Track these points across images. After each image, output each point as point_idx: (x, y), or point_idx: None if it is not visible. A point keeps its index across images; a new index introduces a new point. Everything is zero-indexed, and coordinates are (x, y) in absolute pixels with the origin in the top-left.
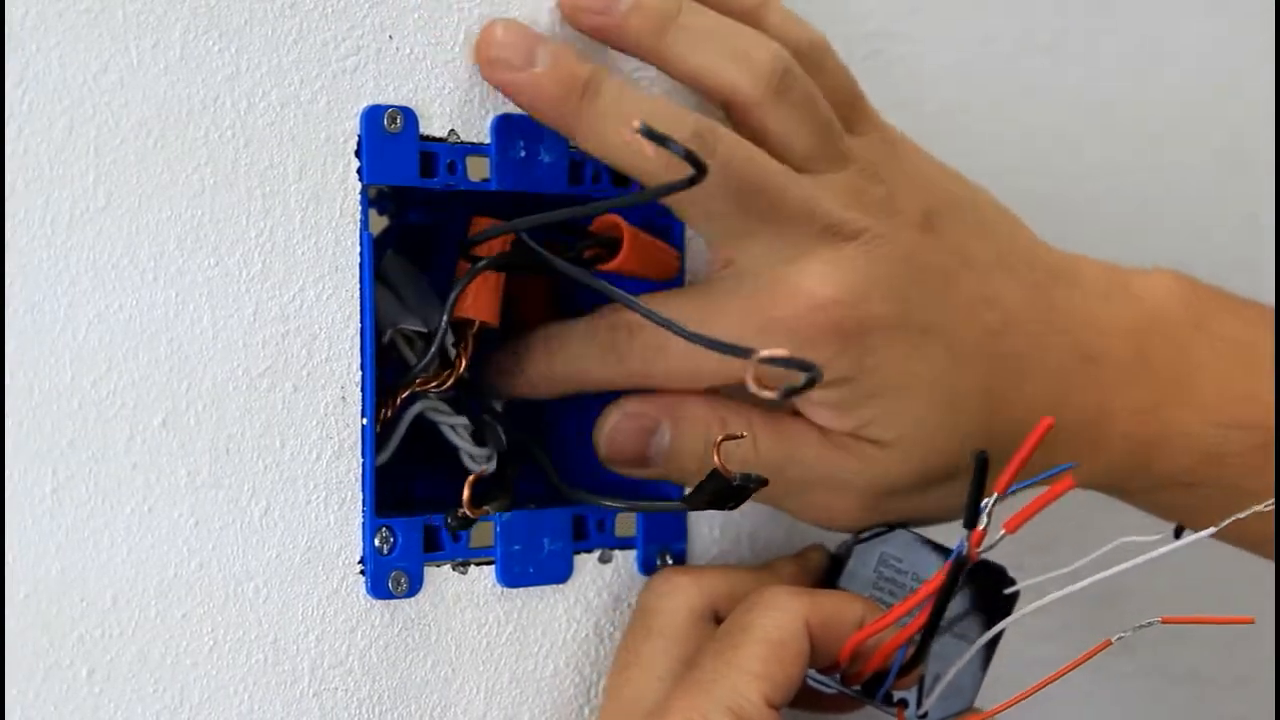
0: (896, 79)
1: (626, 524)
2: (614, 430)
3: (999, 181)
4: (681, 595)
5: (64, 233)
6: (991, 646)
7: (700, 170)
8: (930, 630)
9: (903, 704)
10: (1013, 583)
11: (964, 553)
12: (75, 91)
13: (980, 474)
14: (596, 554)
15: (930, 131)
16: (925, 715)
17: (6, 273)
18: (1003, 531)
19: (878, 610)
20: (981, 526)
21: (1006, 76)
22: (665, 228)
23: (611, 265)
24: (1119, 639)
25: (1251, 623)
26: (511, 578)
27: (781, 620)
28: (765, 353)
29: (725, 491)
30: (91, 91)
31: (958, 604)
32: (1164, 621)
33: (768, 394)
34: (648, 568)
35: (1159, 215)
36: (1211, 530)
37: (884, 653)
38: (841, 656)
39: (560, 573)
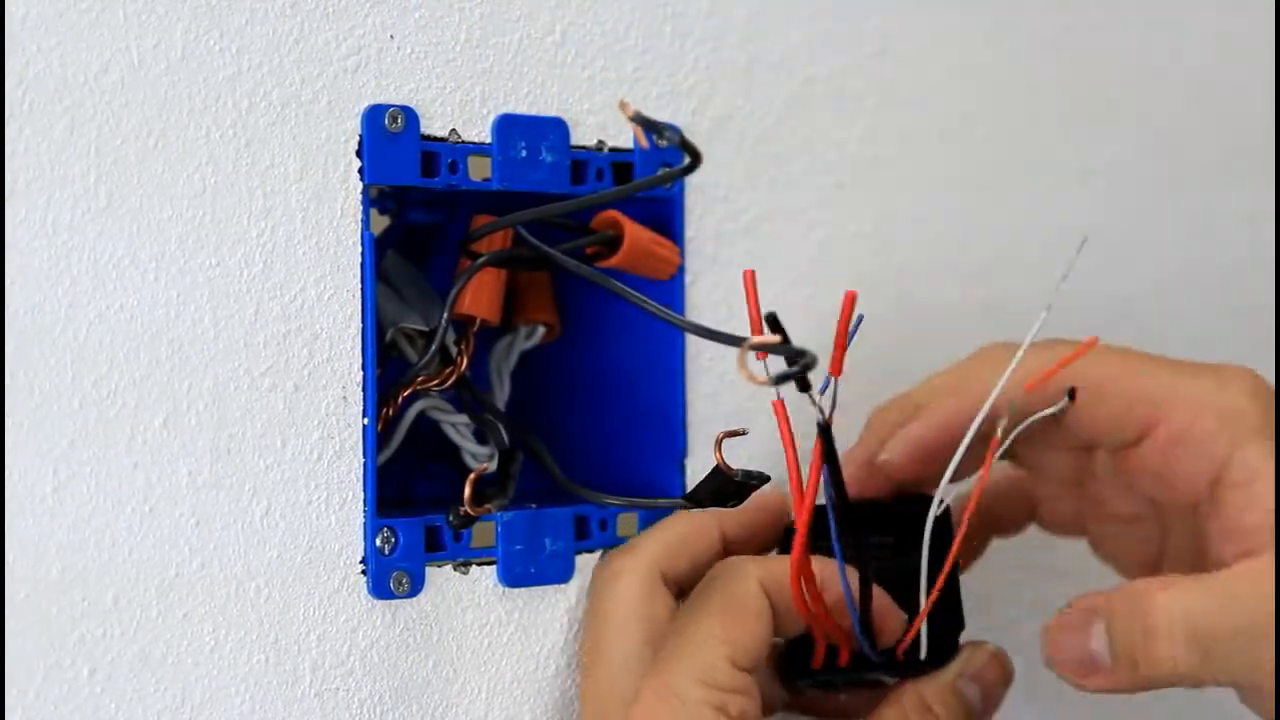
0: (900, 77)
1: (628, 524)
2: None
3: (1001, 178)
4: (624, 578)
5: (65, 233)
6: (954, 577)
7: (695, 158)
8: (843, 516)
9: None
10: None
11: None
12: (76, 91)
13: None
14: (599, 554)
15: (933, 129)
16: (924, 659)
17: (7, 273)
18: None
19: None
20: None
21: (1009, 73)
22: (666, 224)
23: (612, 262)
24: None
25: (1093, 344)
26: (513, 578)
27: (735, 585)
28: (757, 338)
29: (726, 488)
30: (92, 91)
31: (913, 559)
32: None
33: (760, 381)
34: None
35: (1160, 215)
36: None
37: (829, 584)
38: (797, 608)
39: (562, 573)
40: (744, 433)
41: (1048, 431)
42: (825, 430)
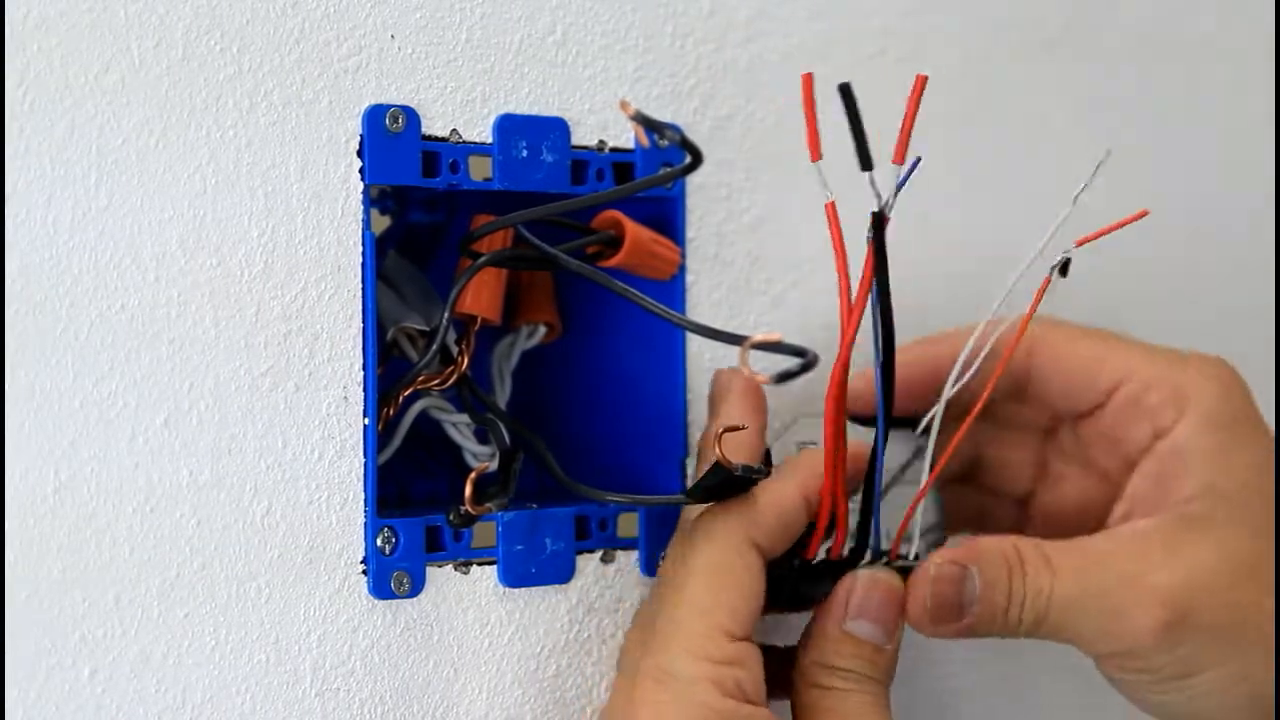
0: (902, 76)
1: (629, 524)
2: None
3: (1002, 177)
4: (718, 540)
5: (66, 233)
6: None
7: (696, 158)
8: (887, 332)
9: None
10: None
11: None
12: (77, 92)
13: (850, 107)
14: (599, 554)
15: (933, 129)
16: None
17: (8, 273)
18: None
19: (811, 473)
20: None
21: (1009, 73)
22: (667, 224)
23: (613, 261)
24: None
25: (1146, 214)
26: (514, 578)
27: (719, 547)
28: (759, 337)
29: (727, 483)
30: (93, 92)
31: (898, 454)
32: (1079, 245)
33: (761, 380)
34: (650, 568)
35: (1159, 214)
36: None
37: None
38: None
39: (563, 573)
40: (744, 429)
41: (1013, 409)
42: (879, 224)
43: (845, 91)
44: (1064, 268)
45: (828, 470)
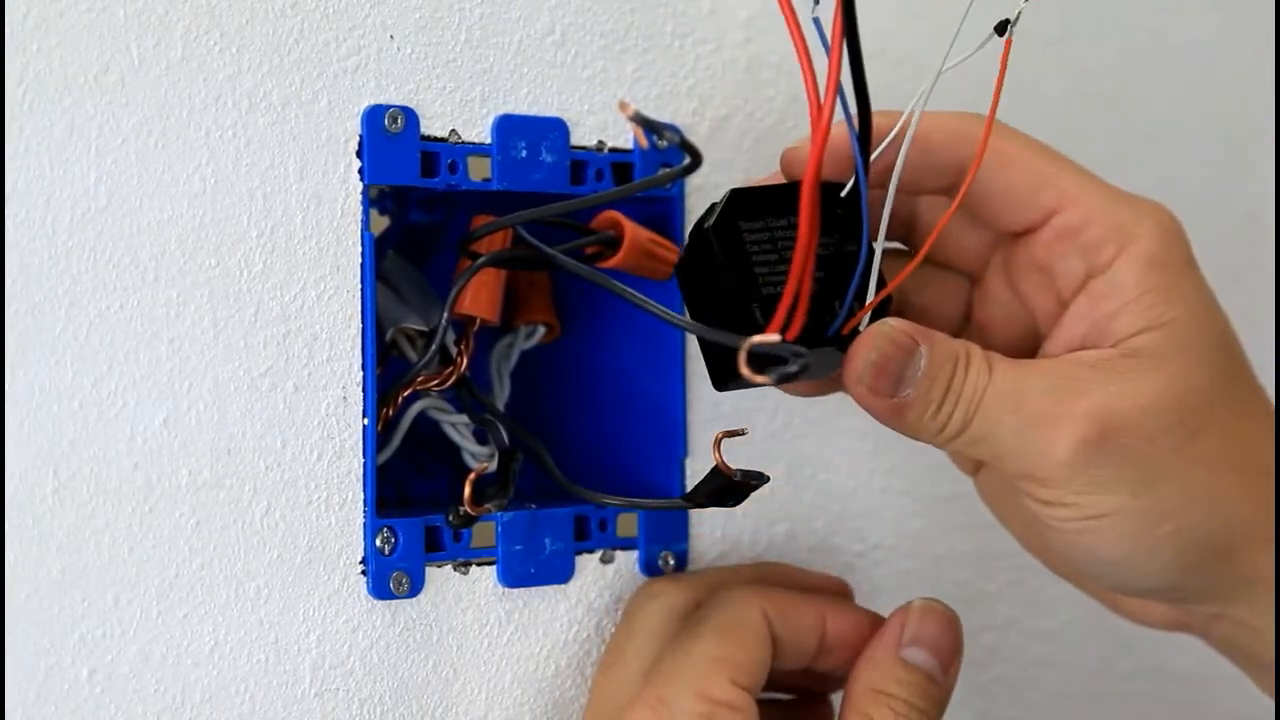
0: (900, 76)
1: (628, 524)
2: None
3: None
4: (663, 597)
5: (65, 233)
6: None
7: (695, 158)
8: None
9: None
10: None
11: None
12: (76, 91)
13: None
14: (598, 554)
15: None
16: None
17: (7, 273)
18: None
19: (837, 606)
20: None
21: (1008, 73)
22: (666, 224)
23: (612, 262)
24: None
25: None
26: (513, 578)
27: (735, 609)
28: (757, 339)
29: (725, 489)
30: (93, 91)
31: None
32: None
33: (760, 380)
34: (649, 568)
35: None
36: None
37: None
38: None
39: (562, 573)
40: (743, 433)
41: (953, 221)
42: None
43: None
44: (1001, 27)
45: (799, 249)
